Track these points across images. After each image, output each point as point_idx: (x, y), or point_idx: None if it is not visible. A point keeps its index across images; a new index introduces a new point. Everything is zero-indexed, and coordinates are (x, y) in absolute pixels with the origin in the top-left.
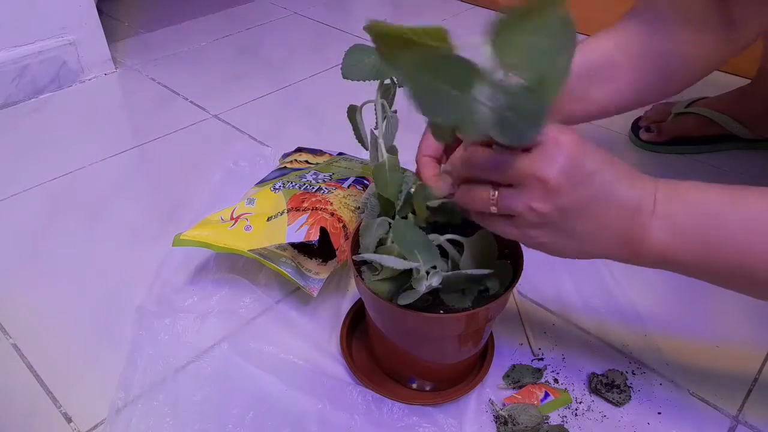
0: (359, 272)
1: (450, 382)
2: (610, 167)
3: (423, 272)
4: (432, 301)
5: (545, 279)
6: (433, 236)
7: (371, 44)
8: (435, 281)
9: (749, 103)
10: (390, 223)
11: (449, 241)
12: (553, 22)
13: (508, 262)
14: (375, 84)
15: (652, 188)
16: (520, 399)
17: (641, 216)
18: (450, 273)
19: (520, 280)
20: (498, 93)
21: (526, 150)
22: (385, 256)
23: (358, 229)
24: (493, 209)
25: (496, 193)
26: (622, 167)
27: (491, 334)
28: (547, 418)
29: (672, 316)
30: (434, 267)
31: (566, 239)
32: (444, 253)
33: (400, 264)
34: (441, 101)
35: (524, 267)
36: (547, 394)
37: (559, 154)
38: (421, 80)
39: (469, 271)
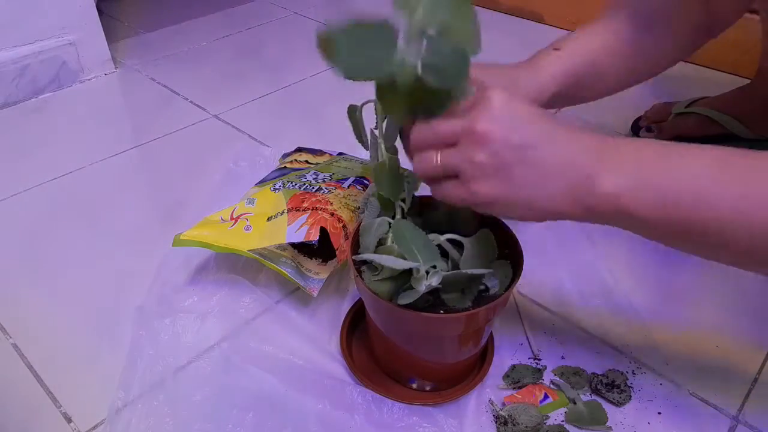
0: (359, 272)
1: (450, 382)
2: (547, 119)
3: (423, 272)
4: (432, 301)
5: (545, 279)
6: (433, 236)
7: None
8: (435, 281)
9: (749, 103)
10: (390, 223)
11: (449, 240)
12: None
13: (508, 262)
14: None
15: (598, 139)
16: (520, 399)
17: (587, 164)
18: (450, 273)
19: (520, 280)
20: (418, 44)
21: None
22: (384, 256)
23: (358, 229)
24: (438, 170)
25: (439, 154)
26: (563, 123)
27: (491, 334)
28: (547, 418)
29: (672, 316)
30: (434, 267)
31: (511, 191)
32: (444, 253)
33: (400, 264)
34: (370, 63)
35: (524, 267)
36: (546, 396)
37: (486, 106)
38: (352, 47)
39: (469, 271)
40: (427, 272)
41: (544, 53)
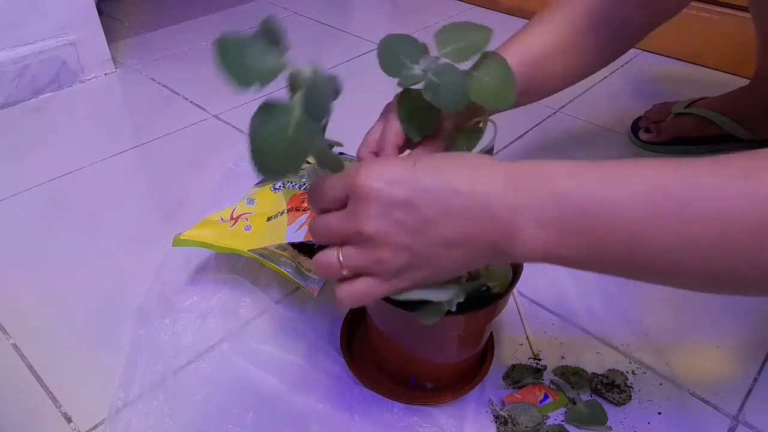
0: None
1: (450, 382)
2: (435, 178)
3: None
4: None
5: (545, 279)
6: None
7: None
8: (461, 298)
9: (748, 105)
10: None
11: None
12: (474, 30)
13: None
14: (376, 84)
15: (504, 178)
16: (520, 399)
17: (500, 214)
18: (469, 285)
19: (520, 280)
20: (432, 65)
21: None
22: (424, 290)
23: None
24: (345, 272)
25: (341, 254)
26: (455, 168)
27: (491, 334)
28: (547, 418)
29: (672, 316)
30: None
31: (434, 269)
32: None
33: (433, 296)
34: (398, 66)
35: (524, 267)
36: (546, 396)
37: (362, 204)
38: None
39: (489, 284)
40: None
41: None
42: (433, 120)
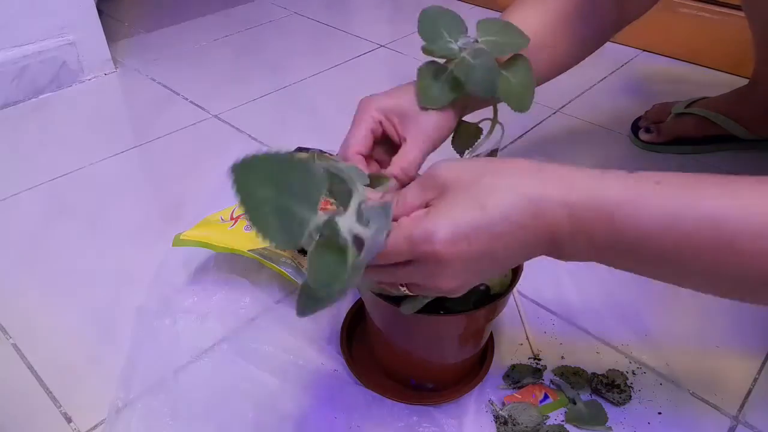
0: None
1: (450, 382)
2: (504, 221)
3: None
4: (432, 302)
5: (545, 279)
6: None
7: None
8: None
9: (748, 104)
10: None
11: None
12: (515, 32)
13: None
14: (376, 84)
15: (562, 207)
16: (520, 399)
17: (560, 240)
18: None
19: (520, 280)
20: (469, 45)
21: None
22: None
23: None
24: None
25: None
26: (518, 204)
27: (491, 334)
28: (547, 417)
29: (672, 316)
30: None
31: (485, 275)
32: None
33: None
34: (437, 36)
35: (524, 267)
36: (546, 396)
37: (441, 266)
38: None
39: None
40: None
41: None
42: (446, 98)
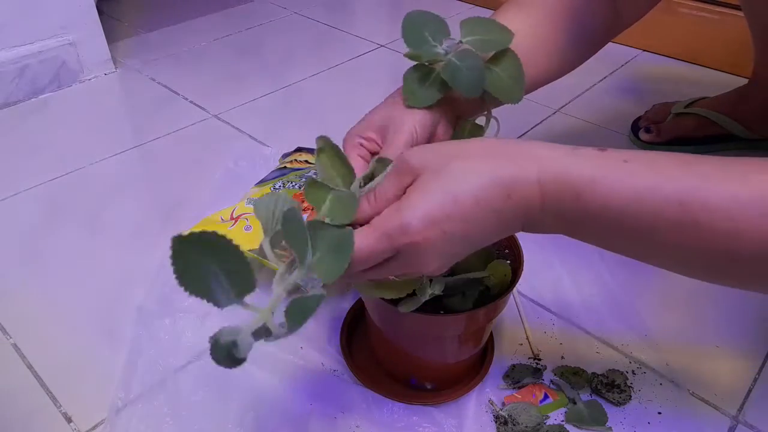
0: None
1: (450, 382)
2: (476, 205)
3: (426, 281)
4: (432, 302)
5: (545, 279)
6: None
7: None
8: (437, 289)
9: (748, 104)
10: None
11: None
12: (498, 28)
13: (507, 262)
14: (375, 84)
15: (533, 184)
16: (520, 399)
17: (533, 216)
18: (450, 278)
19: (520, 280)
20: (454, 47)
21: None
22: None
23: None
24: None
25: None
26: (491, 188)
27: (491, 334)
28: (547, 417)
29: (672, 316)
30: None
31: (465, 252)
32: None
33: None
34: (421, 41)
35: (524, 267)
36: (546, 396)
37: (418, 254)
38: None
39: (468, 275)
40: (430, 280)
41: None
42: (433, 97)
